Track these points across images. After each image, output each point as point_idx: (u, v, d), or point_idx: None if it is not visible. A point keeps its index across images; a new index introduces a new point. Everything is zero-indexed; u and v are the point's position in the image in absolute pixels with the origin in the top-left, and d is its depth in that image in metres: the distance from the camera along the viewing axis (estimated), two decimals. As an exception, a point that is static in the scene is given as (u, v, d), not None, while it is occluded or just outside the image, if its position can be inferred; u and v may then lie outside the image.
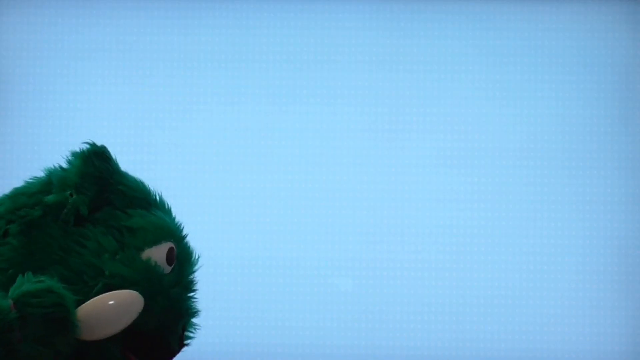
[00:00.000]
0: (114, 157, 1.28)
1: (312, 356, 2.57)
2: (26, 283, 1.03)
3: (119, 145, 2.62)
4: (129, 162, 2.61)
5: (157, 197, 1.31)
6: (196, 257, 1.33)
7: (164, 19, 2.65)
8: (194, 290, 1.30)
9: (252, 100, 2.63)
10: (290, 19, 2.65)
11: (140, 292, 1.14)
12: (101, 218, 1.18)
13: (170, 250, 1.23)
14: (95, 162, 1.21)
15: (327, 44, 2.64)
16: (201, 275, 2.87)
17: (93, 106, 2.63)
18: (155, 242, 1.20)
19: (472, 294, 2.57)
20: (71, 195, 1.16)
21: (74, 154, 1.21)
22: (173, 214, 1.33)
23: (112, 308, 1.09)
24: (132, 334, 1.13)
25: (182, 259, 1.28)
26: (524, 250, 2.59)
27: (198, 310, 1.29)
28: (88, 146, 1.22)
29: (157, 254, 1.20)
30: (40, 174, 1.29)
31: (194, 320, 1.31)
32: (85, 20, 2.65)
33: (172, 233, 1.26)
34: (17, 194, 1.22)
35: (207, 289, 2.58)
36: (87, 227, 1.16)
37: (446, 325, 2.57)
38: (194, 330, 1.31)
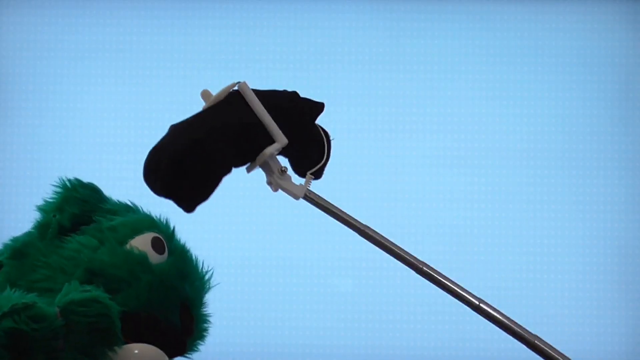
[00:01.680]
0: (103, 193, 1.30)
1: (312, 356, 2.57)
2: (73, 292, 1.03)
3: (119, 145, 2.64)
4: (129, 162, 2.62)
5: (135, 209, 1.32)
6: (203, 264, 1.32)
7: (164, 19, 2.65)
8: (196, 281, 1.28)
9: (252, 100, 2.63)
10: (290, 19, 2.65)
11: (123, 273, 1.14)
12: (87, 229, 1.20)
13: (156, 239, 1.22)
14: (78, 189, 1.24)
15: (327, 44, 2.64)
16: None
17: (93, 106, 2.63)
18: (136, 232, 1.20)
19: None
20: (54, 216, 1.20)
21: (58, 185, 1.26)
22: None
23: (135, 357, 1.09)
24: (128, 318, 1.12)
25: (177, 253, 1.27)
26: (524, 250, 2.59)
27: (204, 300, 1.27)
28: (74, 179, 1.26)
29: (141, 242, 1.19)
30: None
31: (205, 314, 1.28)
32: (85, 20, 2.65)
33: (156, 225, 1.25)
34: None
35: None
36: (71, 236, 1.18)
37: (446, 325, 2.57)
38: (207, 323, 1.29)
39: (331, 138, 1.21)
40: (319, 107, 1.20)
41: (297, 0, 2.66)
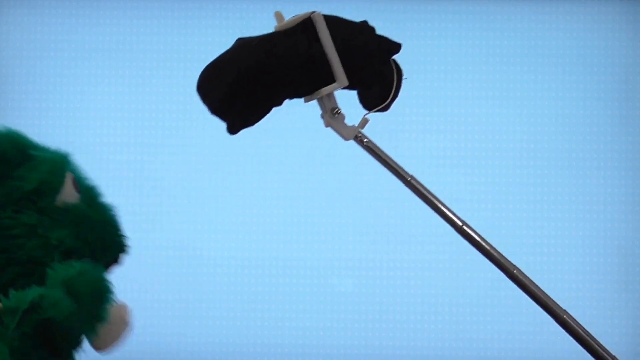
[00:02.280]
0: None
1: (312, 356, 2.57)
2: (61, 270, 1.06)
3: (119, 145, 2.64)
4: (129, 162, 2.62)
5: (18, 136, 1.22)
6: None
7: (164, 19, 2.65)
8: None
9: (252, 100, 2.62)
10: (290, 19, 2.65)
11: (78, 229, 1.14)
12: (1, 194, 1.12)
13: (73, 180, 1.20)
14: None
15: (327, 44, 2.64)
16: (201, 276, 2.88)
17: (93, 106, 2.63)
18: (59, 184, 1.16)
19: (472, 294, 2.57)
20: None
21: None
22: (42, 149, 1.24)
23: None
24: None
25: (81, 179, 1.24)
26: (524, 250, 2.59)
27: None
28: None
29: (67, 191, 1.17)
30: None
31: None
32: (85, 20, 2.65)
33: (63, 163, 1.20)
34: None
35: (208, 289, 2.59)
36: None
37: (446, 325, 2.57)
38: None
39: (404, 77, 1.19)
40: (392, 48, 1.18)
41: (297, 1, 2.66)
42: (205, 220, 2.57)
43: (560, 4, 2.65)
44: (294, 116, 2.65)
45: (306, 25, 1.09)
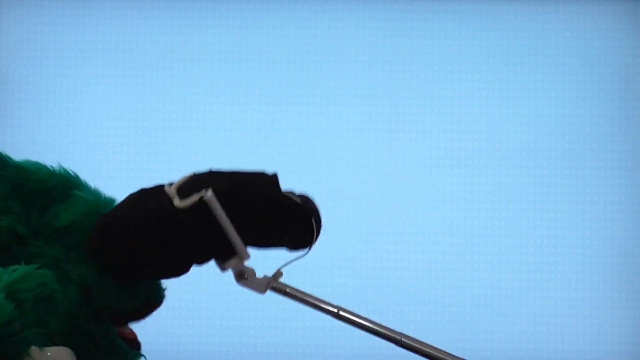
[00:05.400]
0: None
1: (312, 356, 2.57)
2: (4, 275, 1.04)
3: (119, 145, 2.64)
4: (129, 162, 2.62)
5: (69, 175, 1.22)
6: None
7: (164, 19, 2.65)
8: None
9: (253, 100, 2.63)
10: (290, 19, 2.65)
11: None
12: (34, 226, 1.15)
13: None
14: None
15: (327, 44, 2.64)
16: (201, 276, 2.87)
17: (93, 106, 2.63)
18: (89, 227, 1.15)
19: (472, 293, 2.57)
20: None
21: None
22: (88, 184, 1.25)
23: None
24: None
25: None
26: (524, 250, 2.59)
27: None
28: None
29: None
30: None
31: None
32: (85, 20, 2.65)
33: (99, 208, 1.19)
34: None
35: (207, 289, 2.59)
36: (30, 244, 1.14)
37: (446, 325, 2.57)
38: None
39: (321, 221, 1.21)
40: (296, 207, 1.17)
41: (297, 0, 2.66)
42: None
43: (560, 4, 2.65)
44: (294, 116, 2.65)
45: (202, 204, 1.08)
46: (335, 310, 1.25)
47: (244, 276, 1.18)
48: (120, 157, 2.62)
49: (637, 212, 2.61)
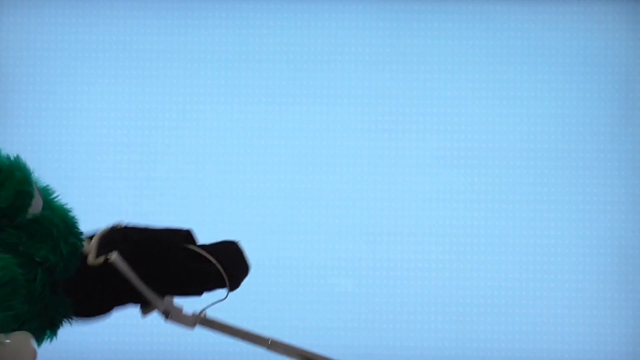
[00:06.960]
0: None
1: (312, 356, 2.56)
2: None
3: (119, 145, 2.64)
4: (129, 162, 2.62)
5: None
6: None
7: (164, 19, 2.65)
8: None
9: (252, 100, 2.63)
10: (290, 19, 2.65)
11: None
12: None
13: (37, 190, 1.15)
14: None
15: (327, 44, 2.65)
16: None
17: (93, 106, 2.63)
18: (32, 196, 1.11)
19: (472, 294, 2.58)
20: None
21: None
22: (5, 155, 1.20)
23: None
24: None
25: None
26: (524, 250, 2.59)
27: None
28: None
29: (35, 200, 1.12)
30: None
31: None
32: (85, 20, 2.65)
33: (28, 171, 1.15)
34: None
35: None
36: None
37: (446, 325, 2.57)
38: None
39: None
40: (202, 271, 1.22)
41: (297, 0, 2.66)
42: (205, 220, 2.57)
43: (560, 4, 2.65)
44: (294, 116, 2.65)
45: (110, 266, 1.11)
46: (268, 342, 1.29)
47: (169, 315, 1.20)
48: (120, 157, 2.62)
49: (637, 212, 2.61)
